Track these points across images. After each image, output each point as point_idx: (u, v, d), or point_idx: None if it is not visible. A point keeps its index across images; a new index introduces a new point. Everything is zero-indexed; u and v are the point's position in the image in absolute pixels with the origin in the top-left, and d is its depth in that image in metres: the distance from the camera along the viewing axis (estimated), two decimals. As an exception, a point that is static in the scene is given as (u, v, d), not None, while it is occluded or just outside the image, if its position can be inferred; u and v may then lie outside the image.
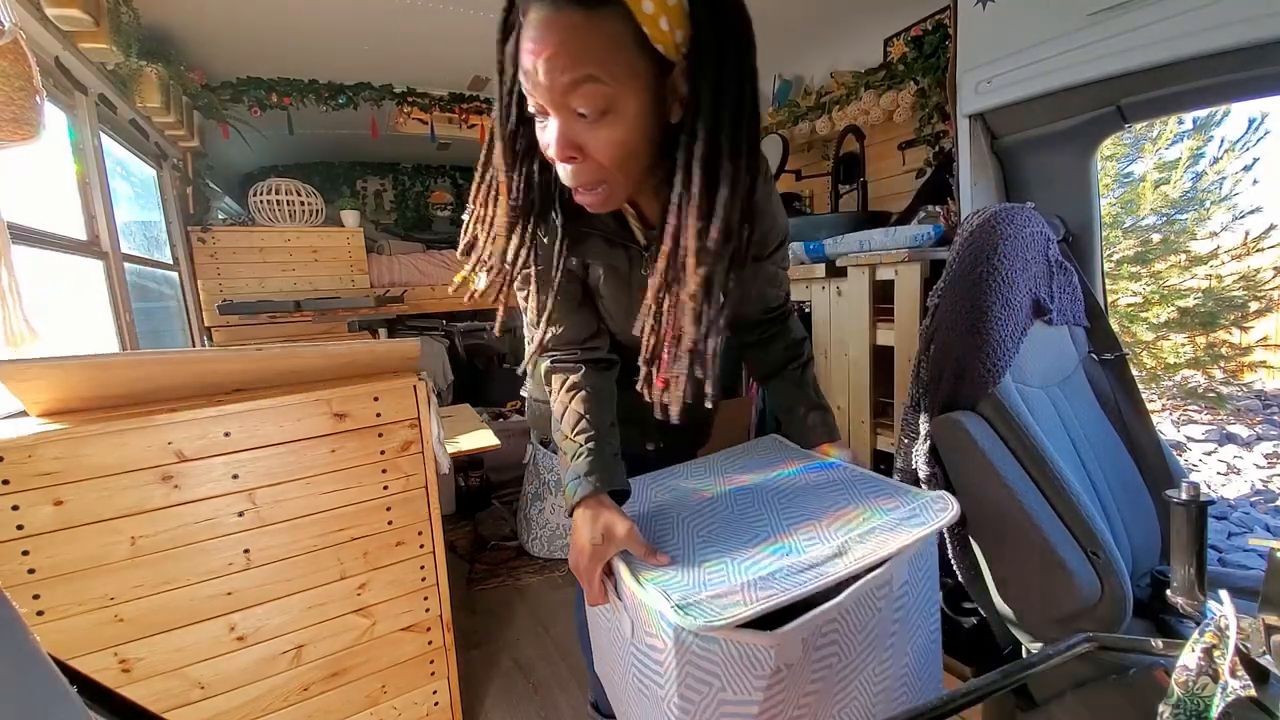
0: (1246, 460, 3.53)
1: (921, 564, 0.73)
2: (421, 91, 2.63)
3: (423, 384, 1.17)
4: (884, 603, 0.68)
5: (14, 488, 0.85)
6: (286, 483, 1.05)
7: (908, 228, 1.57)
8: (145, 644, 0.95)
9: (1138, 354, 3.98)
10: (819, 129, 2.37)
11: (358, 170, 3.82)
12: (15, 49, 0.91)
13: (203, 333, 2.50)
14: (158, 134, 2.18)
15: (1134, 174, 4.09)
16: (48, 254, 1.52)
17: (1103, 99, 1.27)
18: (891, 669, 0.72)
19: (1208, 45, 1.05)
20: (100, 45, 1.63)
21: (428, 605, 1.20)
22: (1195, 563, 0.65)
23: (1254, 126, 3.68)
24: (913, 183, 2.08)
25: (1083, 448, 1.17)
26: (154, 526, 0.95)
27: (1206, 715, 0.41)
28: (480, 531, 2.37)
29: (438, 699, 1.23)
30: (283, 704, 1.07)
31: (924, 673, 0.77)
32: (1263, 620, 0.42)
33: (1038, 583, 0.93)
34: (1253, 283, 3.81)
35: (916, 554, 0.71)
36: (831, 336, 1.77)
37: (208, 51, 2.16)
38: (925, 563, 0.74)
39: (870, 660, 0.69)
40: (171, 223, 2.41)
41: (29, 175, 1.50)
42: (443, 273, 3.10)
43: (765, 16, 2.45)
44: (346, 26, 2.06)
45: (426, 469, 1.18)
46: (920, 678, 0.77)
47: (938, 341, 1.10)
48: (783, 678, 0.61)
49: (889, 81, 2.06)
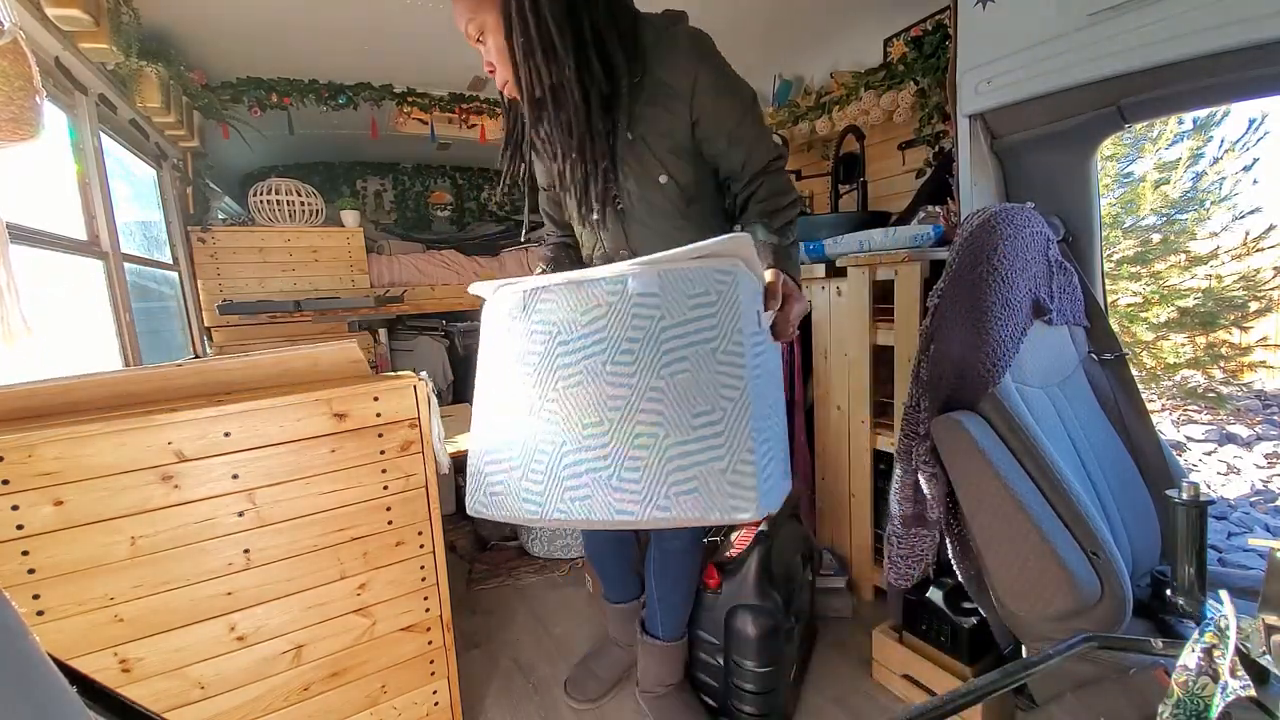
0: (1246, 460, 3.53)
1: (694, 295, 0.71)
2: (421, 91, 2.63)
3: (423, 384, 1.17)
4: (624, 306, 0.74)
5: (14, 488, 0.85)
6: (286, 483, 1.05)
7: (908, 228, 1.57)
8: (145, 644, 0.95)
9: (1138, 354, 3.98)
10: (819, 129, 2.37)
11: (358, 170, 3.82)
12: (15, 49, 0.91)
13: (203, 333, 2.50)
14: (158, 134, 2.18)
15: (1134, 174, 4.09)
16: (48, 254, 1.52)
17: (1103, 99, 1.27)
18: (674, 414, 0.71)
19: (1208, 45, 1.04)
20: (100, 45, 1.63)
21: (428, 605, 1.20)
22: (1195, 563, 0.65)
23: (1254, 126, 3.68)
24: (913, 183, 2.08)
25: (1083, 448, 1.17)
26: (154, 526, 0.95)
27: (1206, 715, 0.41)
28: (480, 531, 2.37)
29: (438, 699, 1.23)
30: (283, 704, 1.07)
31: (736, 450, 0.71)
32: (1263, 620, 0.42)
33: (1038, 583, 0.93)
34: (1253, 283, 3.81)
35: (678, 278, 0.72)
36: (831, 336, 1.77)
37: (208, 51, 2.16)
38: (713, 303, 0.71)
39: (635, 374, 0.72)
40: (171, 223, 2.41)
41: (29, 175, 1.50)
42: (443, 272, 3.10)
43: (765, 16, 2.43)
44: (346, 26, 2.06)
45: (426, 469, 1.18)
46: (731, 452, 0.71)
47: (938, 341, 1.10)
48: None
49: (889, 81, 2.06)
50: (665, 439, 0.72)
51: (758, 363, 0.74)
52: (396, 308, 2.84)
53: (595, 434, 0.75)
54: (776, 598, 1.25)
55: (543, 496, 0.79)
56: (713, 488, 0.70)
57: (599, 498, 0.75)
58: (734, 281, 0.71)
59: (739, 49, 2.48)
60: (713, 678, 1.32)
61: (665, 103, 1.00)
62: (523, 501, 0.80)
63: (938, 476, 1.10)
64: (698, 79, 0.98)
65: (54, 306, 1.63)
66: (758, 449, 0.69)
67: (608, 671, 1.45)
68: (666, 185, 1.06)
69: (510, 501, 0.81)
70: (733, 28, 2.23)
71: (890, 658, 1.38)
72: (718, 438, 0.70)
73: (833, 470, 1.83)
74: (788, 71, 2.61)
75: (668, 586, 1.27)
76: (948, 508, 1.11)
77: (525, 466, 0.80)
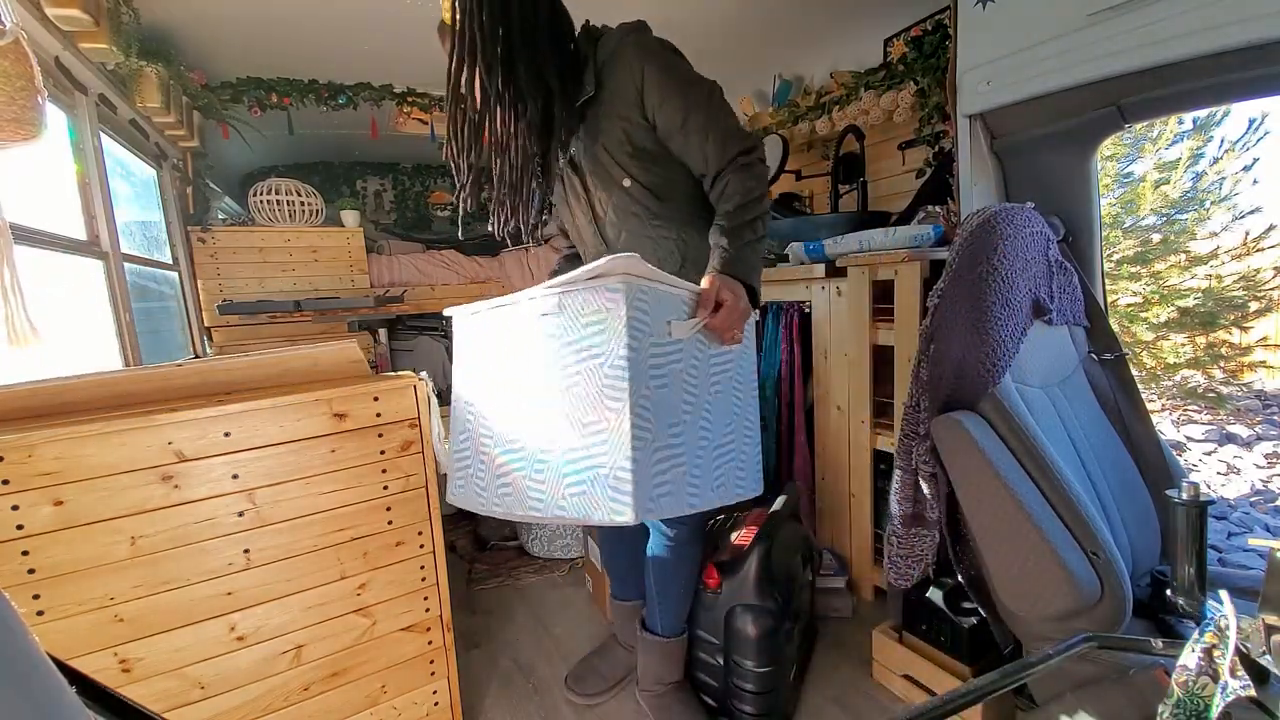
0: (1246, 460, 3.53)
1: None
2: (421, 91, 2.63)
3: (423, 384, 1.17)
4: (536, 328, 0.83)
5: (14, 488, 0.85)
6: (286, 483, 1.05)
7: (908, 228, 1.57)
8: (145, 644, 0.95)
9: (1138, 354, 3.98)
10: (819, 129, 2.37)
11: (358, 170, 3.82)
12: (16, 49, 0.91)
13: (202, 333, 2.50)
14: (158, 134, 2.18)
15: (1134, 174, 4.09)
16: (48, 254, 1.52)
17: (1103, 99, 1.27)
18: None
19: (1208, 45, 1.04)
20: (100, 45, 1.63)
21: (428, 605, 1.20)
22: (1195, 563, 0.65)
23: (1254, 126, 3.69)
24: (913, 183, 2.08)
25: (1083, 448, 1.17)
26: (154, 526, 0.95)
27: (1206, 715, 0.41)
28: (480, 531, 2.36)
29: (438, 699, 1.23)
30: (283, 704, 1.07)
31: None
32: (1263, 620, 0.42)
33: (1038, 583, 0.93)
34: (1253, 283, 3.81)
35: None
36: (831, 336, 1.77)
37: (208, 51, 2.16)
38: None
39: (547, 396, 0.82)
40: (171, 223, 2.41)
41: (29, 175, 1.50)
42: (443, 273, 3.10)
43: (765, 16, 2.43)
44: (346, 26, 2.06)
45: (426, 469, 1.18)
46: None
47: (938, 341, 1.10)
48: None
49: (889, 81, 2.06)
50: (563, 444, 0.79)
51: (661, 373, 0.79)
52: (396, 308, 2.84)
53: (514, 438, 0.86)
54: (776, 598, 1.25)
55: (485, 491, 0.90)
56: (596, 491, 0.76)
57: (516, 494, 0.85)
58: (621, 299, 0.75)
59: (739, 49, 2.50)
60: (713, 678, 1.32)
61: (620, 110, 1.06)
62: (475, 494, 0.93)
63: (938, 476, 1.10)
64: (644, 81, 1.02)
65: (54, 306, 1.63)
66: (639, 457, 0.74)
67: (610, 670, 1.45)
68: (631, 188, 1.11)
69: (468, 494, 0.94)
70: (733, 28, 2.23)
71: (890, 658, 1.38)
72: (602, 445, 0.76)
73: (833, 470, 1.83)
74: (788, 71, 2.61)
75: (664, 581, 1.28)
76: (948, 508, 1.11)
77: (474, 464, 0.93)
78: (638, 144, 1.08)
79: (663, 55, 1.04)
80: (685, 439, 0.83)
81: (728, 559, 1.31)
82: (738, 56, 2.51)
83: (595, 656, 1.50)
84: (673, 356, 0.82)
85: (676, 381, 0.82)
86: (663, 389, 0.79)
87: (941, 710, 0.47)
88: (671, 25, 2.27)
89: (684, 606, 1.31)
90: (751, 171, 1.02)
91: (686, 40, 1.19)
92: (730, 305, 0.88)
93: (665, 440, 0.80)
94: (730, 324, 0.88)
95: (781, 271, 1.90)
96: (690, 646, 1.35)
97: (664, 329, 0.81)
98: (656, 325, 0.80)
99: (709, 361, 0.88)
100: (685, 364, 0.84)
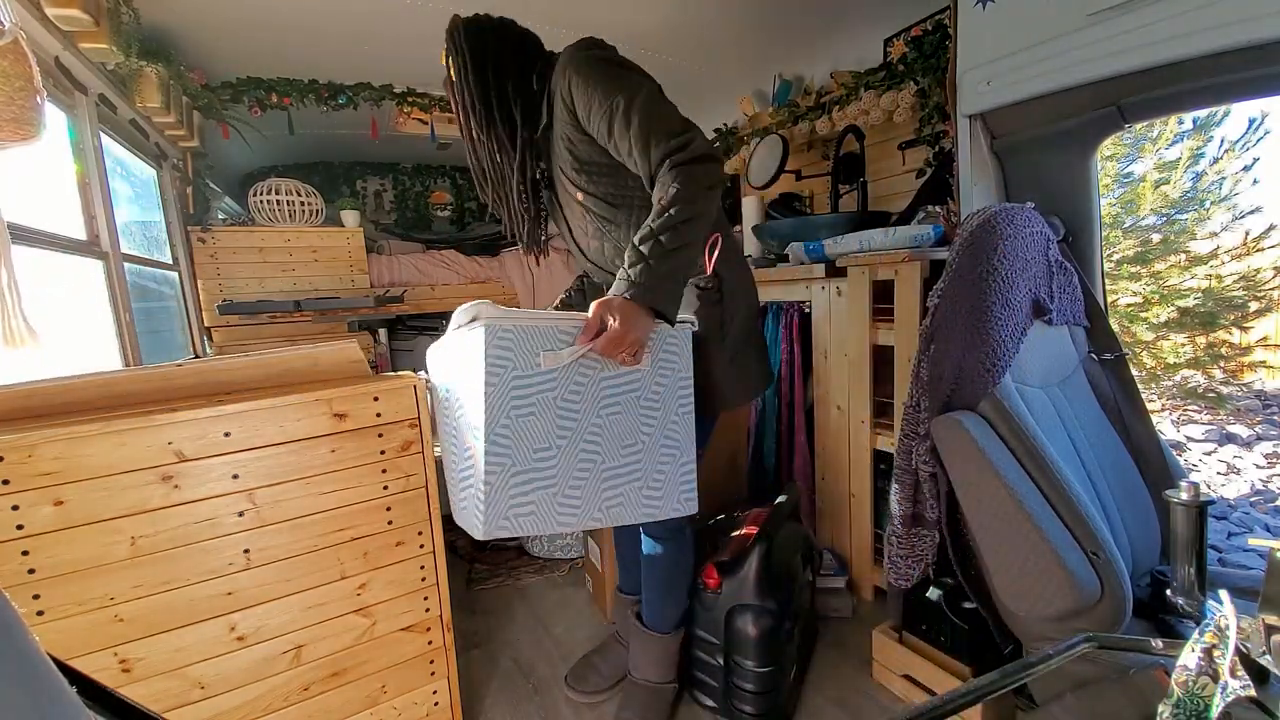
0: (1246, 460, 3.53)
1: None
2: (421, 91, 2.63)
3: (423, 384, 1.17)
4: (450, 362, 1.00)
5: (14, 488, 0.85)
6: (286, 483, 1.05)
7: (908, 228, 1.57)
8: (145, 644, 0.95)
9: (1138, 354, 3.98)
10: (819, 129, 2.37)
11: (358, 170, 3.82)
12: (16, 49, 0.91)
13: (202, 333, 2.50)
14: (158, 134, 2.18)
15: (1134, 174, 4.09)
16: (48, 254, 1.53)
17: (1103, 99, 1.27)
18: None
19: (1208, 45, 1.05)
20: (100, 45, 1.63)
21: (428, 605, 1.20)
22: (1195, 563, 0.65)
23: (1254, 126, 3.69)
24: (913, 183, 2.08)
25: (1083, 448, 1.17)
26: (154, 526, 0.94)
27: (1206, 715, 0.41)
28: (480, 531, 2.37)
29: (438, 699, 1.23)
30: (283, 704, 1.07)
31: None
32: (1263, 620, 0.42)
33: (1038, 583, 0.93)
34: (1253, 283, 3.81)
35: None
36: (831, 336, 1.77)
37: (208, 51, 2.16)
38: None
39: None
40: (171, 223, 2.41)
41: (29, 175, 1.50)
42: (443, 272, 3.10)
43: (765, 17, 2.43)
44: (347, 26, 2.06)
45: (426, 469, 1.18)
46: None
47: (938, 341, 1.10)
48: None
49: (889, 81, 2.06)
50: (462, 464, 0.94)
51: (527, 402, 0.88)
52: (396, 308, 2.85)
53: (452, 453, 1.01)
54: (776, 598, 1.25)
55: (462, 503, 0.98)
56: (471, 507, 0.90)
57: (460, 503, 0.98)
58: (480, 339, 0.85)
59: (739, 49, 2.50)
60: (712, 678, 1.32)
61: (561, 129, 1.10)
62: (460, 511, 1.01)
63: (938, 476, 1.10)
64: (572, 95, 1.04)
65: (54, 306, 1.63)
66: (492, 480, 0.86)
67: (610, 669, 1.45)
68: (585, 201, 1.15)
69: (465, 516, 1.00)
70: (733, 28, 2.23)
71: (890, 658, 1.38)
72: (471, 468, 0.90)
73: (833, 470, 1.83)
74: (788, 71, 2.61)
75: (651, 578, 1.30)
76: (948, 508, 1.11)
77: (454, 481, 1.02)
78: (582, 159, 1.11)
79: (587, 66, 1.03)
80: (559, 462, 0.90)
81: (728, 559, 1.31)
82: (738, 56, 2.51)
83: (595, 655, 1.50)
84: (542, 386, 0.88)
85: (546, 409, 0.89)
86: (527, 417, 0.87)
87: (941, 710, 0.47)
88: (671, 26, 2.29)
89: (671, 607, 1.30)
90: (679, 176, 0.94)
91: (687, 41, 1.19)
92: (612, 331, 0.88)
93: (528, 464, 0.88)
94: (614, 349, 0.89)
95: (781, 271, 1.90)
96: (690, 646, 1.35)
97: (533, 362, 0.87)
98: (522, 359, 0.87)
99: (599, 385, 0.92)
100: (560, 391, 0.90)
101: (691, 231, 0.94)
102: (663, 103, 1.01)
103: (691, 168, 0.95)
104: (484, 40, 1.12)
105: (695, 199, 0.93)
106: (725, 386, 1.16)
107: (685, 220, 0.93)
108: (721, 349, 1.15)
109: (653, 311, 0.92)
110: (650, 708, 1.30)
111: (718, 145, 3.00)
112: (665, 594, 1.30)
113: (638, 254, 0.92)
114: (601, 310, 0.90)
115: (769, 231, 2.03)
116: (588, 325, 0.90)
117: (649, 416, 0.97)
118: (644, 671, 1.32)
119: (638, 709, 1.30)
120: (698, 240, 0.97)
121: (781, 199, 2.47)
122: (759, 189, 2.45)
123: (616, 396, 0.94)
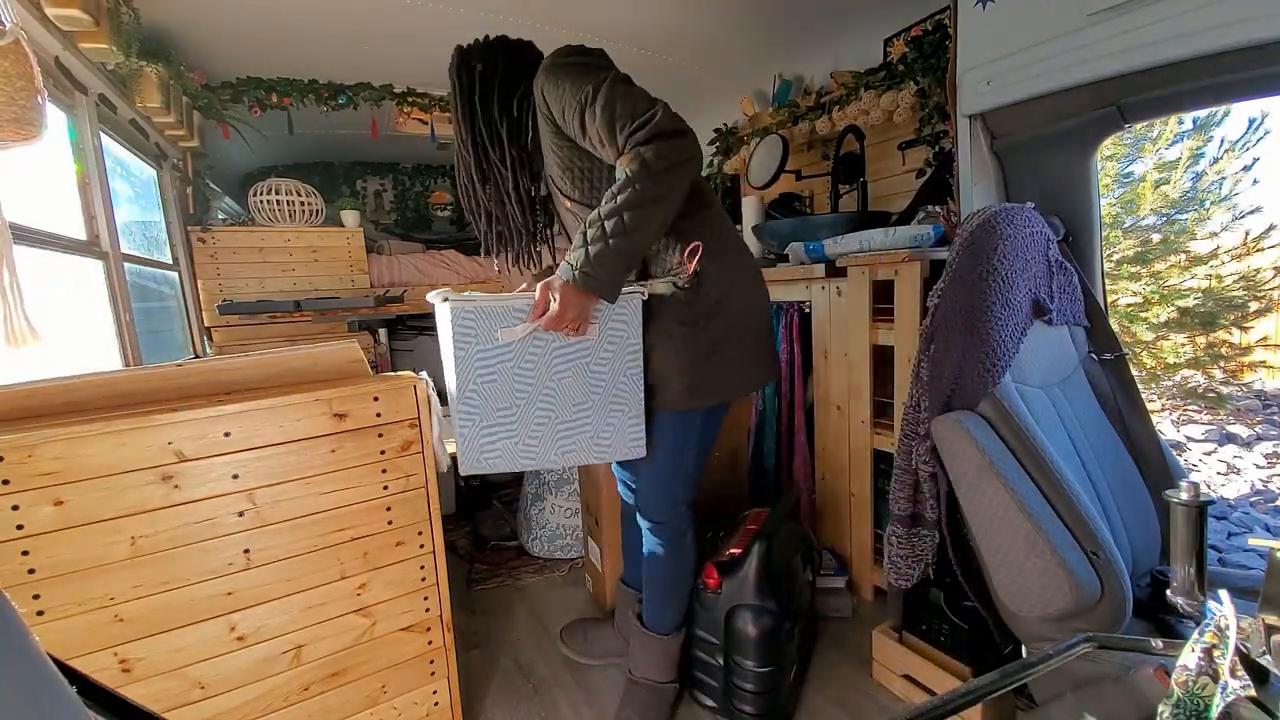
0: (1246, 460, 3.53)
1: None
2: (421, 91, 2.63)
3: (423, 384, 1.17)
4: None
5: (14, 488, 0.85)
6: (286, 483, 1.05)
7: (908, 228, 1.57)
8: (145, 644, 0.95)
9: (1138, 354, 3.98)
10: (819, 129, 2.37)
11: (358, 170, 3.82)
12: (17, 49, 0.91)
13: (203, 333, 2.50)
14: (158, 134, 2.18)
15: (1134, 174, 4.09)
16: (48, 254, 1.53)
17: (1103, 99, 1.27)
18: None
19: (1208, 45, 1.05)
20: (100, 45, 1.63)
21: (428, 605, 1.20)
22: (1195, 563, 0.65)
23: (1254, 126, 3.69)
24: (913, 183, 2.08)
25: (1083, 448, 1.17)
26: (154, 526, 0.94)
27: (1206, 715, 0.41)
28: (480, 531, 2.36)
29: (438, 699, 1.23)
30: (283, 704, 1.07)
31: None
32: (1263, 620, 0.42)
33: (1038, 582, 0.93)
34: (1253, 283, 3.81)
35: None
36: (831, 336, 1.77)
37: (208, 51, 2.16)
38: None
39: None
40: (171, 223, 2.41)
41: (29, 175, 1.50)
42: (443, 273, 3.10)
43: (765, 17, 2.43)
44: (346, 26, 2.06)
45: (426, 469, 1.18)
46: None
47: (938, 341, 1.10)
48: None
49: (889, 81, 2.05)
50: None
51: (490, 370, 1.04)
52: (396, 308, 2.84)
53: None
54: (777, 598, 1.25)
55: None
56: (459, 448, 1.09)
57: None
58: (448, 317, 1.01)
59: (739, 49, 2.50)
60: (713, 678, 1.32)
61: (545, 137, 1.13)
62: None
63: (938, 476, 1.10)
64: (546, 101, 1.06)
65: (54, 306, 1.63)
66: (465, 432, 1.06)
67: (594, 641, 1.55)
68: (573, 208, 1.17)
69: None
70: (733, 28, 2.23)
71: (890, 658, 1.38)
72: (455, 419, 1.07)
73: (833, 470, 1.83)
74: (788, 71, 2.61)
75: (650, 577, 1.31)
76: (948, 508, 1.11)
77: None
78: (565, 163, 1.12)
79: (557, 71, 1.04)
80: (518, 417, 1.07)
81: (727, 559, 1.31)
82: (738, 56, 2.51)
83: (590, 624, 1.59)
84: (502, 357, 1.04)
85: (505, 376, 1.05)
86: (490, 383, 1.04)
87: (941, 710, 0.47)
88: (671, 26, 2.29)
89: (672, 609, 1.30)
90: (635, 157, 0.94)
91: (687, 41, 1.19)
92: (553, 311, 1.00)
93: (493, 419, 1.06)
94: (557, 326, 1.02)
95: (781, 271, 1.90)
96: (690, 646, 1.35)
97: (493, 337, 1.03)
98: (483, 334, 1.02)
99: (551, 353, 1.07)
100: (517, 360, 1.05)
101: (639, 217, 0.95)
102: (627, 86, 1.00)
103: (651, 147, 0.93)
104: (470, 71, 1.16)
105: (652, 182, 0.94)
106: (697, 378, 1.12)
107: (632, 206, 0.94)
108: (697, 336, 1.11)
109: (591, 294, 1.00)
110: (650, 708, 1.30)
111: (717, 144, 3.00)
112: (666, 596, 1.30)
113: (581, 238, 0.98)
114: (545, 292, 1.00)
115: (769, 231, 2.03)
116: (535, 305, 1.01)
117: (597, 379, 1.11)
118: (644, 671, 1.32)
119: (638, 709, 1.30)
120: (648, 224, 0.97)
121: (781, 199, 2.47)
122: (759, 189, 2.45)
123: (568, 362, 1.09)
